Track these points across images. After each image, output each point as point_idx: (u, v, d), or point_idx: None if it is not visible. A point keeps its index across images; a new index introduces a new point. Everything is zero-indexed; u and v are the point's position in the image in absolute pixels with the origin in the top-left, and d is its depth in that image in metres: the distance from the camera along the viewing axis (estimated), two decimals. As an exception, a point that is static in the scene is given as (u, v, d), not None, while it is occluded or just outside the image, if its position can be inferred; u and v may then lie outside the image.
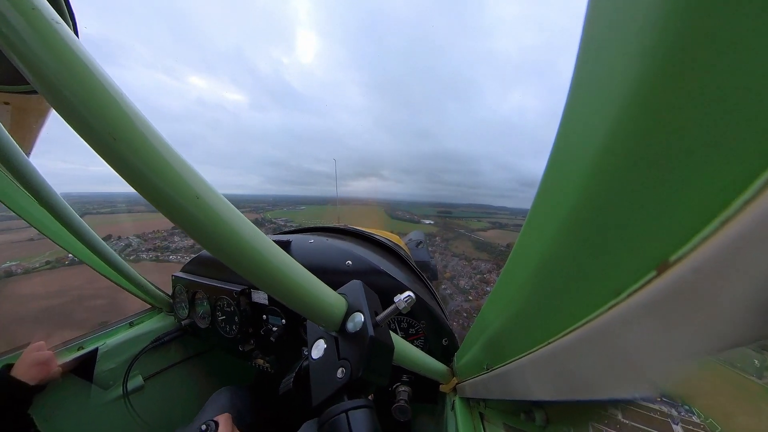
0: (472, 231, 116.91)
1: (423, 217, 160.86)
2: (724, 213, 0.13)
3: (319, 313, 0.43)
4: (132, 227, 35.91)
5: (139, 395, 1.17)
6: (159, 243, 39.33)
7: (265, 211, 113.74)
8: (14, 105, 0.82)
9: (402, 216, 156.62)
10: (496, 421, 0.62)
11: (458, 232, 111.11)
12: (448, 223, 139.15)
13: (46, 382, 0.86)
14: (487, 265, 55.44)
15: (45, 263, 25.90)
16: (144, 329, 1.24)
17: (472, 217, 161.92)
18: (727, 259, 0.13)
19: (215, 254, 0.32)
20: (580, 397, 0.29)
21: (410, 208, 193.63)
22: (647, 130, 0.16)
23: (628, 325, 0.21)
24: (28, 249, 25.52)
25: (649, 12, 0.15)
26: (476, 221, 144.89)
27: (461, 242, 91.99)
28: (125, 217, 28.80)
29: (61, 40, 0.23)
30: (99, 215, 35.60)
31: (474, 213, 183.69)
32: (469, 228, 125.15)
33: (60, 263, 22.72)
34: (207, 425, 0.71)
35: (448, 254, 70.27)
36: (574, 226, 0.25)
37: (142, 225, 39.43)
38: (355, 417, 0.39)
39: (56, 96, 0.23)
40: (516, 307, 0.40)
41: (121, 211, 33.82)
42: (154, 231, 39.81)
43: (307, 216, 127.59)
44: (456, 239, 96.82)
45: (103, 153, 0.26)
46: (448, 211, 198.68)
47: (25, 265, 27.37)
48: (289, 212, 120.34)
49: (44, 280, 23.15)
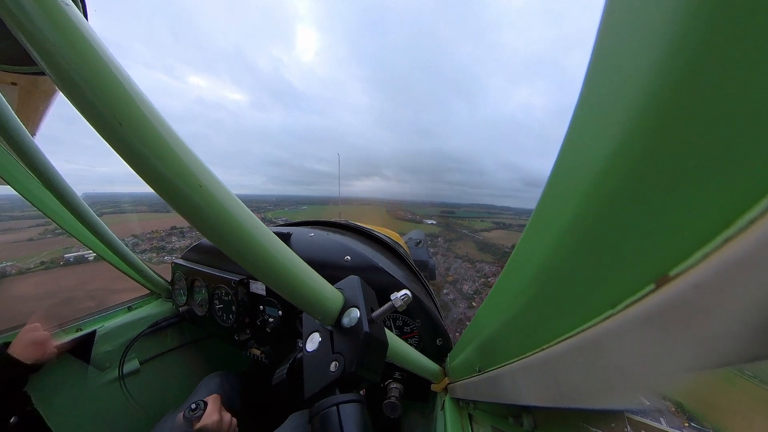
0: (475, 231, 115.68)
1: (425, 216, 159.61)
2: (729, 230, 0.13)
3: (316, 306, 0.43)
4: (136, 227, 35.78)
5: (135, 378, 1.19)
6: (156, 243, 39.10)
7: (267, 210, 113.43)
8: (21, 85, 0.83)
9: (404, 216, 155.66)
10: (484, 423, 0.62)
11: (461, 233, 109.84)
12: (450, 223, 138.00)
13: (42, 362, 0.87)
14: (492, 267, 54.45)
15: (39, 263, 25.64)
16: (142, 314, 1.25)
17: (476, 217, 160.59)
18: (729, 277, 0.13)
19: (216, 243, 0.32)
20: (569, 404, 0.29)
21: (412, 208, 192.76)
22: (655, 143, 0.16)
23: (622, 337, 0.20)
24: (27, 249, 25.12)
25: (666, 21, 0.15)
26: (480, 221, 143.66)
27: (464, 243, 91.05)
28: (127, 217, 28.69)
29: (70, 22, 0.23)
30: (103, 216, 35.87)
31: (477, 213, 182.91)
32: (472, 228, 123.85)
33: (55, 264, 22.45)
34: (196, 404, 0.72)
35: (450, 256, 68.81)
36: (576, 234, 0.25)
37: (142, 225, 39.30)
38: (345, 411, 0.39)
39: (64, 78, 0.23)
40: (512, 311, 0.40)
41: (126, 211, 33.76)
42: (152, 231, 39.66)
43: (309, 216, 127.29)
44: (459, 240, 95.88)
45: (108, 137, 0.26)
46: (451, 210, 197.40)
47: (19, 266, 27.26)
48: (290, 212, 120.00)
49: (37, 281, 22.85)
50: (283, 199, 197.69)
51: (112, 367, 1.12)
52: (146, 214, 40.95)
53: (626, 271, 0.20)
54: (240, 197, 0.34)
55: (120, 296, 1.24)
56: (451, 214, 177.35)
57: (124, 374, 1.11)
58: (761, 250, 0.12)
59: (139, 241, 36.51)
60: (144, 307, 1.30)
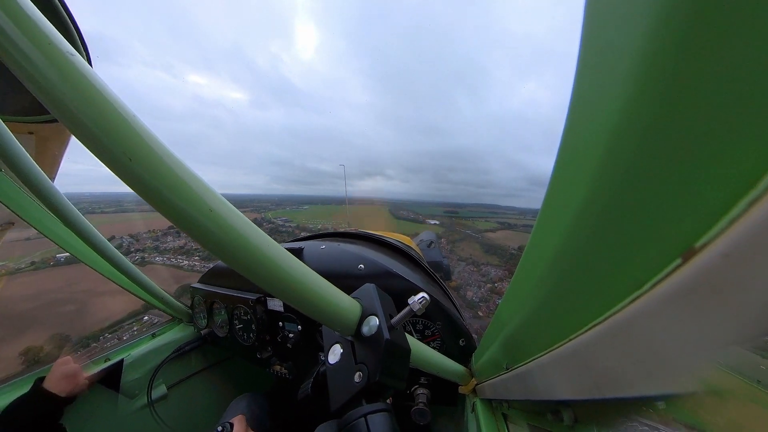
0: (479, 232, 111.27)
1: (428, 217, 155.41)
2: (753, 192, 0.12)
3: (334, 318, 0.43)
4: (134, 226, 36.09)
5: (164, 403, 1.22)
6: (149, 243, 39.52)
7: (267, 210, 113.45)
8: (37, 134, 0.88)
9: (406, 216, 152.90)
10: (520, 422, 0.60)
11: (465, 233, 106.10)
12: (454, 223, 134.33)
13: (75, 394, 0.90)
14: (498, 271, 51.99)
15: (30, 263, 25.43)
16: (166, 340, 1.28)
17: (480, 217, 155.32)
18: (759, 242, 0.12)
19: (230, 264, 0.33)
20: (606, 395, 0.28)
21: (415, 208, 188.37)
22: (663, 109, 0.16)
23: (653, 318, 0.20)
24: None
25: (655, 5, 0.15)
26: (484, 221, 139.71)
27: (468, 244, 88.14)
28: (124, 216, 29.17)
29: (76, 71, 0.24)
30: (104, 214, 36.09)
31: (482, 213, 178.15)
32: (476, 229, 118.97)
33: (45, 264, 22.34)
34: (222, 426, 0.73)
35: (453, 258, 66.24)
36: (588, 217, 0.24)
37: (136, 224, 40.01)
38: (373, 421, 0.38)
39: (75, 123, 0.25)
40: (533, 304, 0.39)
41: (128, 210, 34.64)
42: (148, 231, 40.35)
43: (309, 216, 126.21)
44: (462, 241, 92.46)
45: (120, 173, 0.27)
46: (454, 210, 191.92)
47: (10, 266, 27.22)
48: (292, 212, 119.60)
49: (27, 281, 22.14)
50: (286, 199, 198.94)
51: (141, 394, 1.15)
52: (146, 213, 41.76)
53: (649, 249, 0.19)
54: (243, 197, 0.34)
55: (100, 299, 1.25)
56: (454, 214, 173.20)
57: (153, 400, 1.13)
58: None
59: (134, 241, 36.28)
60: (167, 333, 1.34)
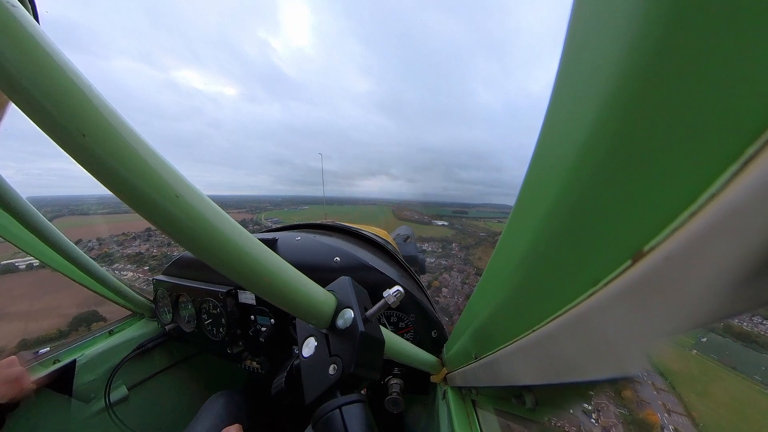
0: (494, 235, 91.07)
1: (434, 217, 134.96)
2: (692, 206, 0.14)
3: (309, 311, 0.43)
4: (103, 230, 32.92)
5: (125, 405, 1.13)
6: (106, 249, 35.93)
7: (263, 211, 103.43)
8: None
9: (410, 216, 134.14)
10: (487, 407, 0.64)
11: (480, 237, 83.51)
12: (465, 225, 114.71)
13: (18, 400, 0.81)
14: None
15: None
16: (125, 337, 1.19)
17: (491, 218, 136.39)
18: (695, 248, 0.14)
19: (198, 255, 0.31)
20: (564, 379, 0.31)
21: (420, 208, 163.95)
22: (625, 129, 0.17)
23: (606, 311, 0.22)
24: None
25: (630, 16, 0.16)
26: (496, 222, 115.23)
27: (485, 251, 61.17)
28: (92, 219, 26.31)
29: (18, 25, 0.21)
30: (72, 216, 32.30)
31: (493, 213, 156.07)
32: (490, 231, 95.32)
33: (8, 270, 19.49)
34: None
35: (470, 272, 45.05)
36: (556, 218, 0.26)
37: (113, 227, 36.54)
38: (348, 412, 0.39)
39: (14, 86, 0.21)
40: (502, 297, 0.42)
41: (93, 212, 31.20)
42: (121, 233, 36.62)
43: (308, 217, 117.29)
44: (478, 246, 72.26)
45: (71, 150, 0.24)
46: (463, 210, 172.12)
47: None
48: (289, 212, 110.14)
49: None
50: (287, 200, 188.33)
51: (98, 397, 1.06)
52: (118, 215, 37.50)
53: (605, 250, 0.21)
54: (246, 197, 0.32)
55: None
56: (463, 214, 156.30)
57: (111, 403, 1.06)
58: (722, 222, 0.13)
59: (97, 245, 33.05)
60: (126, 329, 1.24)
